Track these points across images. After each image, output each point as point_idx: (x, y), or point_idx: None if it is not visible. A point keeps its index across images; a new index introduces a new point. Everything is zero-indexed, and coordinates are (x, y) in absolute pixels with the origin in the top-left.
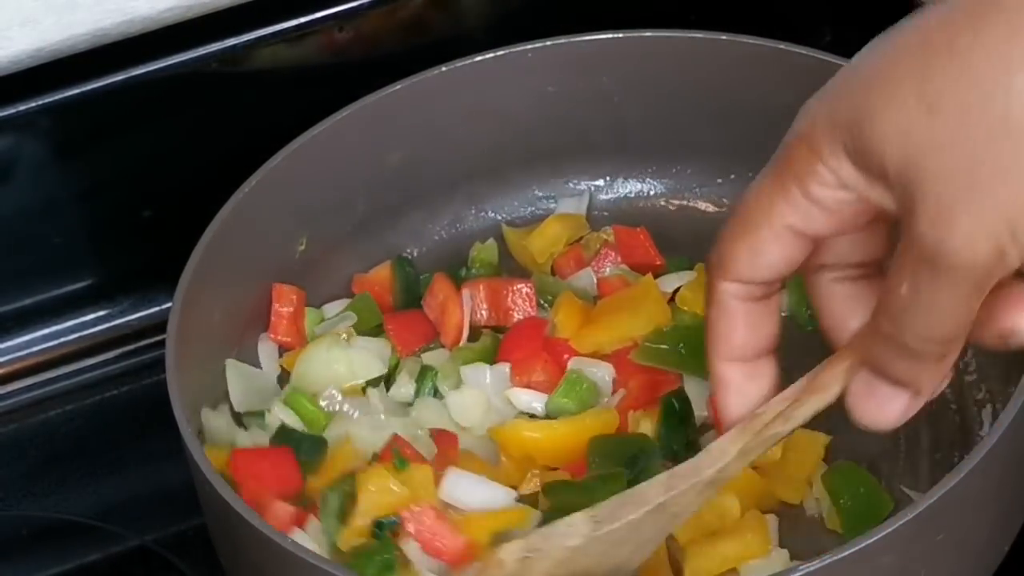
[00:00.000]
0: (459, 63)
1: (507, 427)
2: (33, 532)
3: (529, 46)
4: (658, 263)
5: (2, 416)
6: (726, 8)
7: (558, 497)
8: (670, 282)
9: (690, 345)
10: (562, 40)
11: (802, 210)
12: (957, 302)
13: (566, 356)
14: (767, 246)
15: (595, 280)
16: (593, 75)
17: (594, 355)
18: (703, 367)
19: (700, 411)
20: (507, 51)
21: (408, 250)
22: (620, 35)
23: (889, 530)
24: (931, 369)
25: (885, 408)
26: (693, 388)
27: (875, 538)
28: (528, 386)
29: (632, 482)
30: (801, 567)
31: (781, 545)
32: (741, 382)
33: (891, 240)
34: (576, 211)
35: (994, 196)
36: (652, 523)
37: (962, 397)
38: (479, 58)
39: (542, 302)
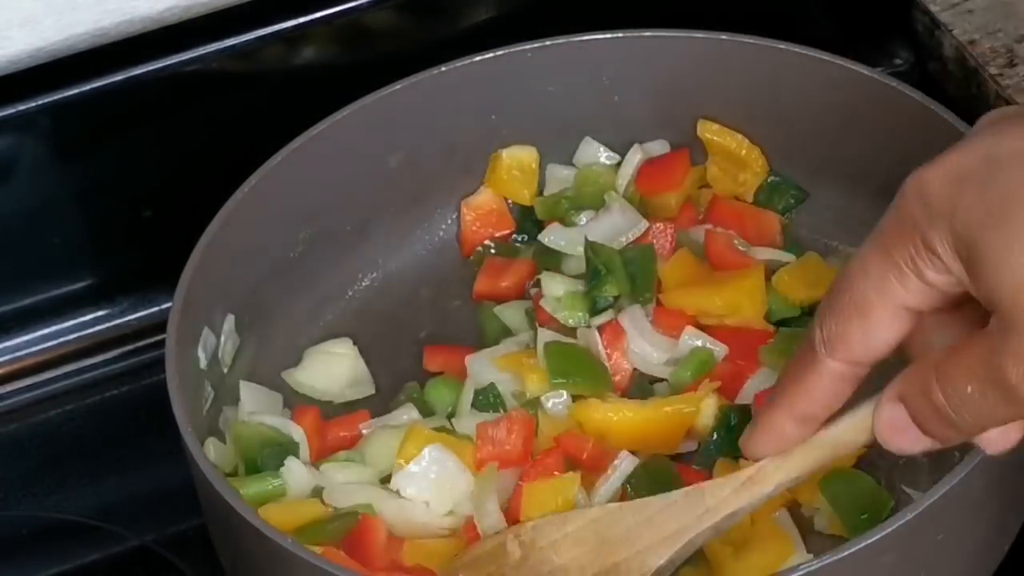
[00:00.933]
0: (459, 63)
1: (589, 404)
2: (33, 532)
3: (529, 46)
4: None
5: (2, 416)
6: (726, 8)
7: None
8: (764, 252)
9: None
10: (562, 40)
11: (915, 291)
12: (1012, 417)
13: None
14: (882, 326)
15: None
16: (593, 75)
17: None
18: None
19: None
20: (507, 51)
21: (407, 250)
22: (620, 35)
23: (889, 530)
24: (960, 437)
25: (912, 445)
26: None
27: (875, 538)
28: None
29: None
30: (801, 567)
31: None
32: (789, 432)
33: None
34: None
35: None
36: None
37: None
38: (479, 58)
39: None
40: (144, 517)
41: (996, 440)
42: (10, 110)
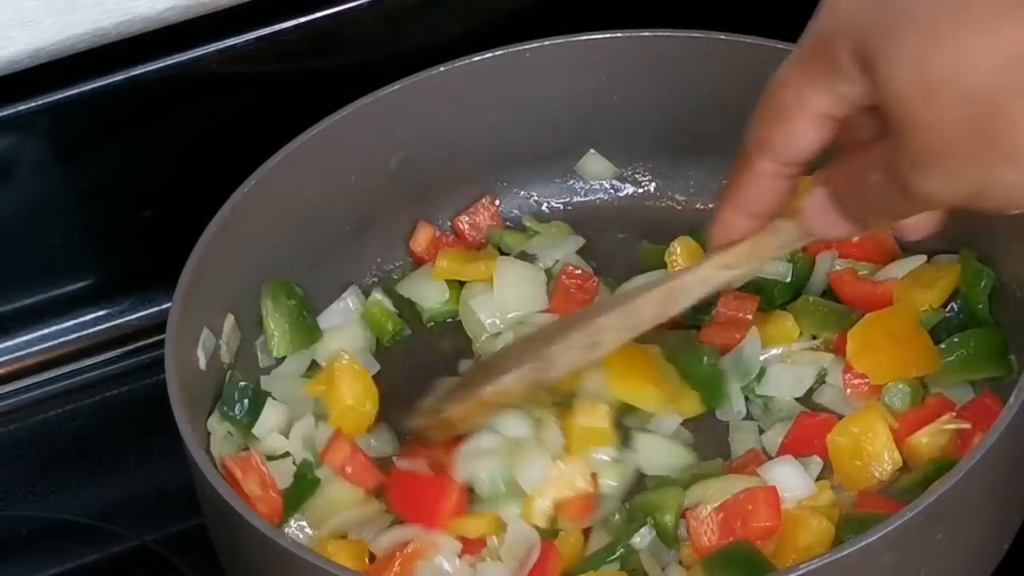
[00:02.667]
0: (459, 63)
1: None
2: (33, 532)
3: (529, 46)
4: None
5: (2, 416)
6: (726, 8)
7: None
8: (902, 267)
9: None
10: (562, 40)
11: (829, 101)
12: (911, 212)
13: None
14: (802, 132)
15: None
16: (593, 75)
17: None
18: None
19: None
20: (507, 51)
21: (407, 249)
22: (620, 35)
23: (889, 530)
24: (873, 226)
25: (832, 227)
26: None
27: (875, 538)
28: None
29: None
30: (801, 567)
31: None
32: (740, 226)
33: None
34: None
35: (967, 168)
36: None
37: None
38: (479, 58)
39: None
40: (144, 517)
41: (911, 228)
42: (10, 110)
